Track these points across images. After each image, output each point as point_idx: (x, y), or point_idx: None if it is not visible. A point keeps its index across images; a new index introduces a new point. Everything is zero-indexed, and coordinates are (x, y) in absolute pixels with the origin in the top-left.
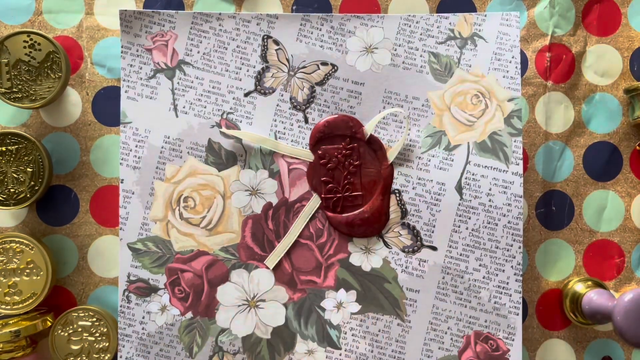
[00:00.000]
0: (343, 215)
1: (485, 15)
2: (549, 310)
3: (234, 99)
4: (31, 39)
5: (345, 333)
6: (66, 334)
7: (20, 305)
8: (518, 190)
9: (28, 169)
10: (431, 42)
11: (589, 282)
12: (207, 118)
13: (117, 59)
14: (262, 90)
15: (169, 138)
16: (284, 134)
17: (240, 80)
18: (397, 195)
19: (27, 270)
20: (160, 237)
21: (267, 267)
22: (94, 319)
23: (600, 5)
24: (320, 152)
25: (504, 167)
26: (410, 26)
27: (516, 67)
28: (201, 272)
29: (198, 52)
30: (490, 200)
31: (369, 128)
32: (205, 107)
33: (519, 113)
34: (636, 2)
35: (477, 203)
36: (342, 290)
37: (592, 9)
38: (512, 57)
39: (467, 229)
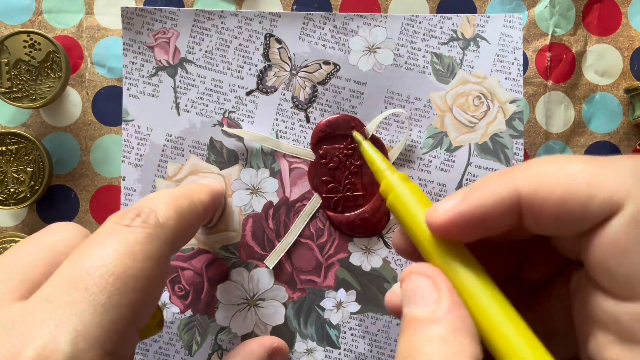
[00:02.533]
0: (344, 215)
1: (488, 17)
2: None
3: (235, 97)
4: (31, 39)
5: (345, 333)
6: None
7: None
8: None
9: (28, 169)
10: (434, 43)
11: None
12: (209, 117)
13: (117, 59)
14: (264, 89)
15: (170, 136)
16: (286, 133)
17: (242, 78)
18: None
19: None
20: None
21: (267, 267)
22: None
23: (600, 4)
24: (321, 152)
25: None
26: (413, 26)
27: (518, 69)
28: (201, 270)
29: (200, 50)
30: None
31: (370, 128)
32: (207, 106)
33: (521, 115)
34: (637, 1)
35: None
36: (341, 290)
37: (592, 9)
38: (515, 59)
39: None
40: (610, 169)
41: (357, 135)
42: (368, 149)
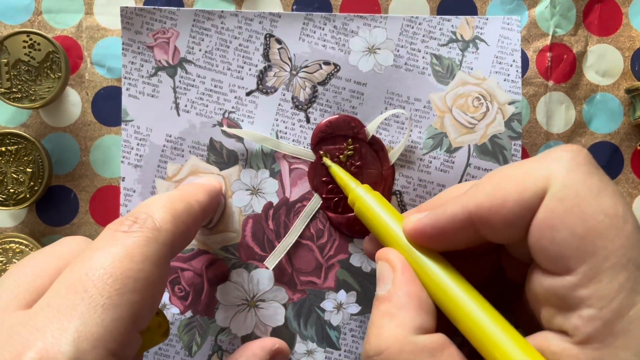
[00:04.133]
0: (344, 215)
1: (487, 19)
2: None
3: (235, 97)
4: (31, 39)
5: (345, 334)
6: None
7: None
8: None
9: (28, 169)
10: (433, 44)
11: None
12: (209, 117)
13: (116, 59)
14: (264, 90)
15: (170, 137)
16: (286, 133)
17: (242, 79)
18: (398, 196)
19: None
20: None
21: (267, 268)
22: None
23: (601, 5)
24: (321, 152)
25: None
26: (412, 27)
27: (517, 71)
28: (201, 271)
29: (200, 50)
30: None
31: (370, 129)
32: (207, 106)
33: (519, 117)
34: (637, 2)
35: None
36: (342, 292)
37: (593, 9)
38: (513, 61)
39: None
40: (537, 162)
41: (326, 160)
42: (336, 169)
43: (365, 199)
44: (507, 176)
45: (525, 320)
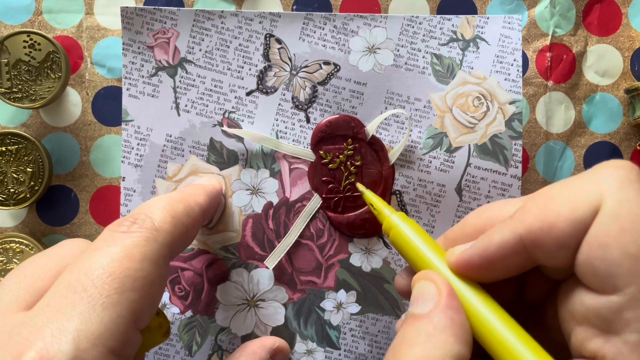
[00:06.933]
0: (344, 215)
1: (488, 18)
2: None
3: (235, 97)
4: (31, 39)
5: (345, 333)
6: None
7: None
8: (516, 193)
9: (28, 169)
10: (434, 44)
11: None
12: (209, 117)
13: (117, 59)
14: (264, 90)
15: (170, 137)
16: (286, 133)
17: (242, 79)
18: (398, 196)
19: None
20: None
21: (267, 267)
22: None
23: (600, 5)
24: (321, 152)
25: (504, 170)
26: (413, 27)
27: (518, 70)
28: (201, 270)
29: (200, 50)
30: (488, 202)
31: (370, 128)
32: (207, 106)
33: (520, 116)
34: (637, 2)
35: (476, 205)
36: (342, 291)
37: (592, 9)
38: (514, 60)
39: None
40: (586, 179)
41: (359, 186)
42: (370, 195)
43: (401, 227)
44: (556, 195)
45: (543, 343)
